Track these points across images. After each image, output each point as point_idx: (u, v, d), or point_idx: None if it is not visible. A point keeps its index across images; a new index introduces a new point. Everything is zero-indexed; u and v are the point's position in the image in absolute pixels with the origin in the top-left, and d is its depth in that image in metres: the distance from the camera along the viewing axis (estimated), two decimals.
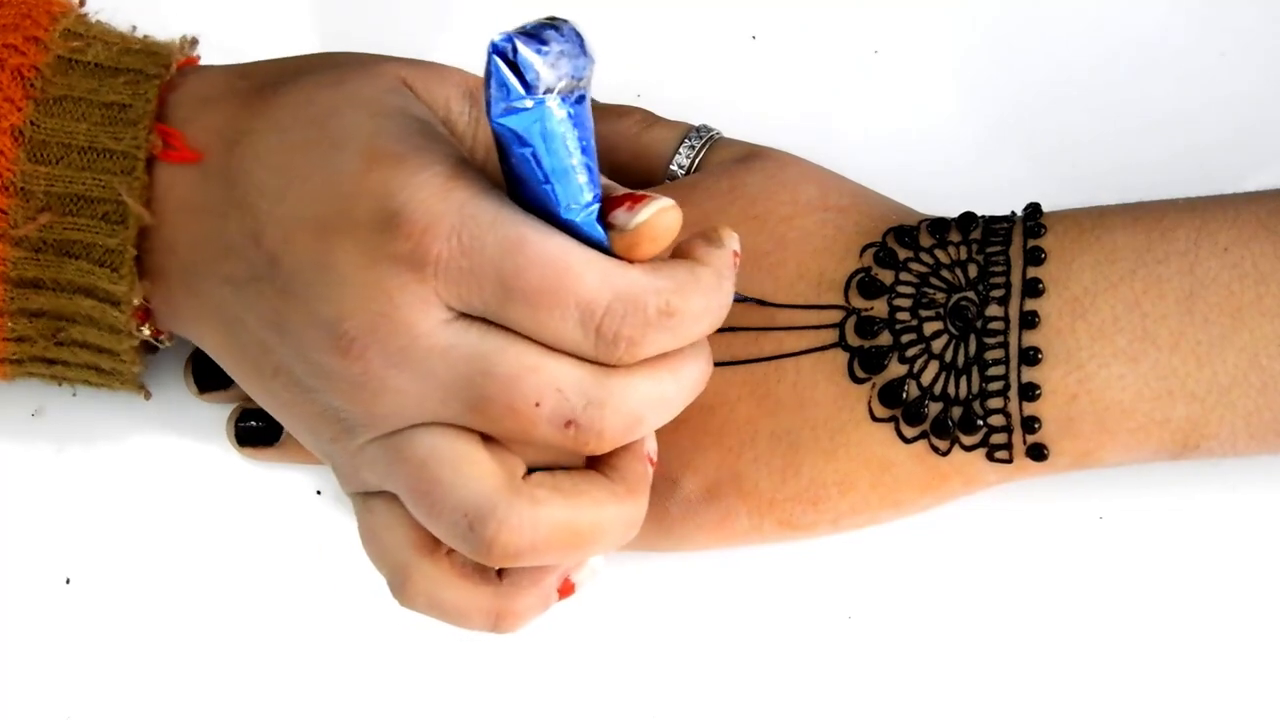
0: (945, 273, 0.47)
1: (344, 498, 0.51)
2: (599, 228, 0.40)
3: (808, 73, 0.56)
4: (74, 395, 0.51)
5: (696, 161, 0.51)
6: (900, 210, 0.49)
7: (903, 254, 0.47)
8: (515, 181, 0.40)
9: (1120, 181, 0.50)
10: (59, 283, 0.45)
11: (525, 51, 0.37)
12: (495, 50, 0.37)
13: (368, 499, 0.44)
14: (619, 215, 0.40)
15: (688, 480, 0.47)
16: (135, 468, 0.51)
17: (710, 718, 0.49)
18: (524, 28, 0.37)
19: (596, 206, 0.40)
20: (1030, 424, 0.45)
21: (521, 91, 0.37)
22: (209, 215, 0.43)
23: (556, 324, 0.40)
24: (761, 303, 0.47)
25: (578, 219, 0.40)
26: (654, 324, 0.40)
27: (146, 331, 0.46)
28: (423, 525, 0.43)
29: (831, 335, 0.47)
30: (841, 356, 0.47)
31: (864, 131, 0.55)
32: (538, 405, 0.40)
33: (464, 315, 0.40)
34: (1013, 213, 0.48)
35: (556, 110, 0.38)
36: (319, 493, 0.51)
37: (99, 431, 0.52)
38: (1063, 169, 0.54)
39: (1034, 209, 0.47)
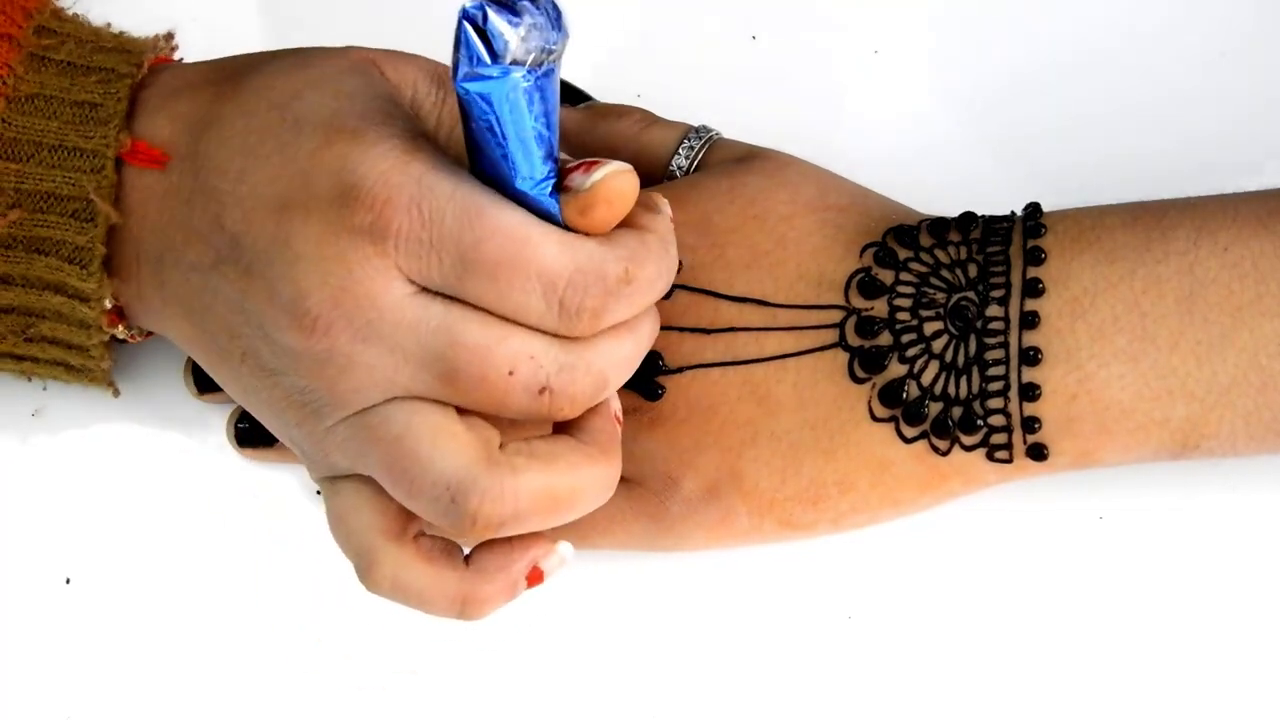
0: (945, 273, 0.47)
1: None
2: (554, 202, 0.40)
3: (808, 73, 0.56)
4: (44, 389, 0.51)
5: (696, 161, 0.51)
6: (900, 210, 0.49)
7: (903, 254, 0.47)
8: (474, 150, 0.40)
9: (1120, 181, 0.50)
10: (28, 279, 0.45)
11: (496, 20, 0.37)
12: (466, 15, 0.37)
13: (335, 483, 0.44)
14: (575, 178, 0.40)
15: (688, 480, 0.47)
16: (135, 468, 0.51)
17: (710, 718, 0.49)
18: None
19: (551, 182, 0.40)
20: (1030, 424, 0.45)
21: (488, 59, 0.38)
22: (176, 203, 0.43)
23: (518, 297, 0.40)
24: (762, 303, 0.47)
25: (531, 190, 0.40)
26: (614, 293, 0.41)
27: (120, 331, 0.46)
28: (393, 508, 0.43)
29: (831, 335, 0.47)
30: (842, 356, 0.47)
31: (864, 132, 0.55)
32: (511, 374, 0.40)
33: (427, 290, 0.40)
34: (1012, 213, 0.48)
35: (521, 81, 0.38)
36: (319, 493, 0.51)
37: (99, 432, 0.52)
38: (1062, 169, 0.54)
39: (1034, 209, 0.47)
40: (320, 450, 0.43)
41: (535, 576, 0.44)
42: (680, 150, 0.51)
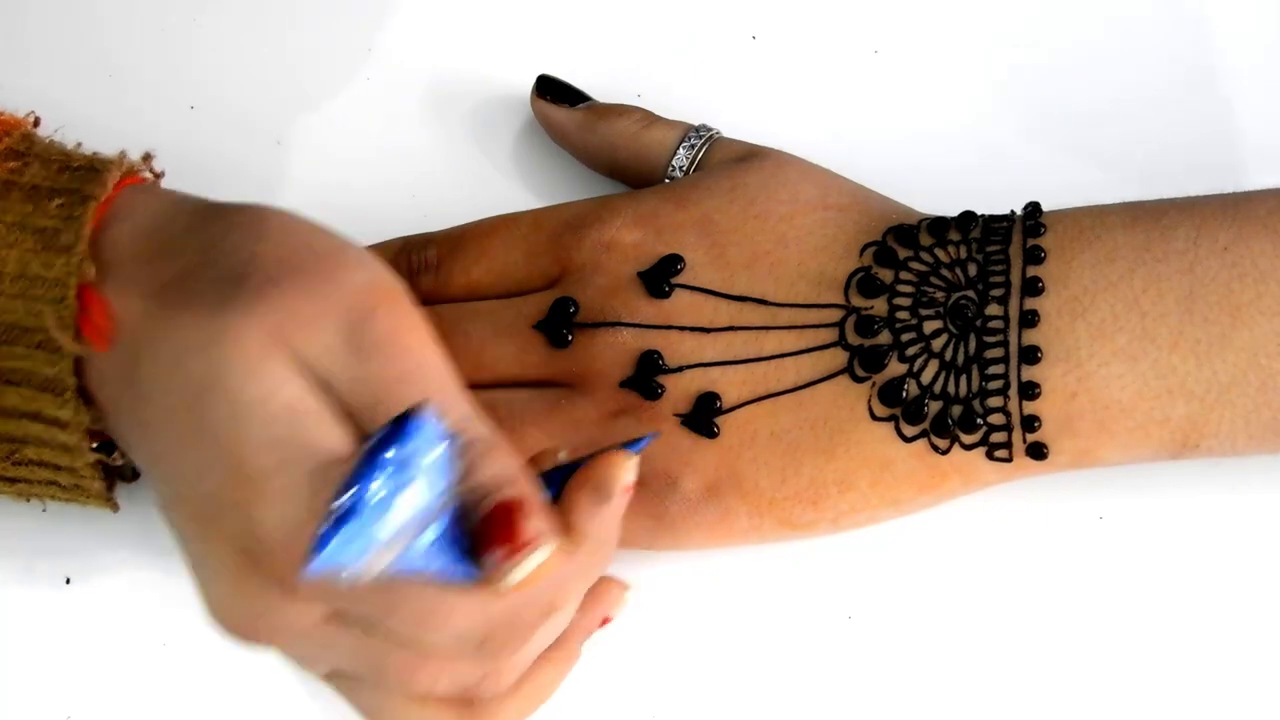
0: (945, 272, 0.47)
1: None
2: (463, 570, 0.39)
3: (808, 73, 0.56)
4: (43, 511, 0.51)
5: (696, 161, 0.51)
6: (900, 209, 0.49)
7: (902, 253, 0.47)
8: None
9: (1120, 181, 0.50)
10: (4, 409, 0.44)
11: (334, 553, 0.37)
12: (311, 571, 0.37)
13: (349, 680, 0.44)
14: (494, 561, 0.38)
15: (687, 479, 0.47)
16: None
17: (710, 718, 0.48)
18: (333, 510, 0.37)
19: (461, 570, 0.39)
20: (1030, 423, 0.45)
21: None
22: (121, 385, 0.42)
23: (435, 642, 0.40)
24: (762, 302, 0.47)
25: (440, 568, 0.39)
26: (535, 626, 0.41)
27: (115, 459, 0.46)
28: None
29: (831, 334, 0.47)
30: (841, 355, 0.47)
31: (864, 131, 0.55)
32: (435, 685, 0.41)
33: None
34: (1012, 211, 0.48)
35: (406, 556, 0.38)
36: None
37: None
38: (1062, 168, 0.54)
39: (1033, 208, 0.47)
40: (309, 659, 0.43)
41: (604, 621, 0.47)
42: (680, 150, 0.51)
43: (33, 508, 0.51)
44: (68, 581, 0.50)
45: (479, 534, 0.38)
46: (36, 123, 0.46)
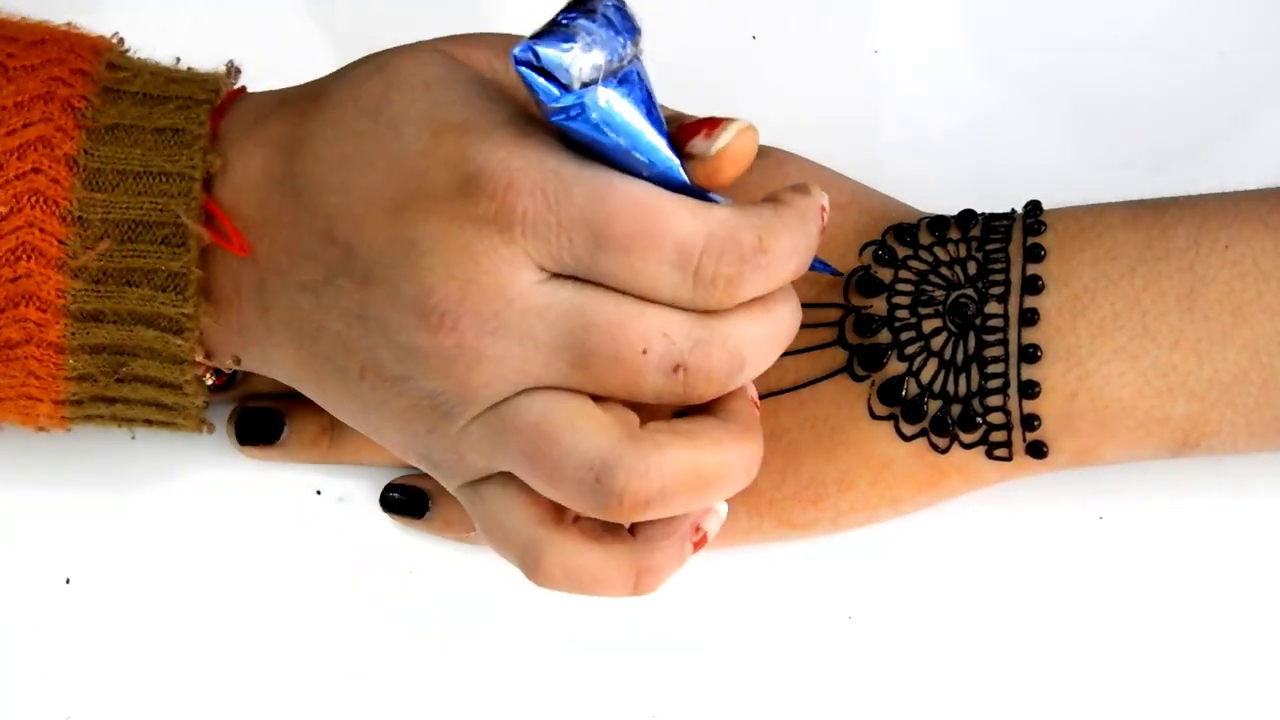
0: (944, 270, 0.47)
1: (345, 497, 0.51)
2: (679, 171, 0.40)
3: (808, 73, 0.56)
4: (133, 439, 0.51)
5: None
6: (900, 208, 0.49)
7: (902, 252, 0.47)
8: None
9: (1120, 179, 0.50)
10: (120, 314, 0.44)
11: (549, 53, 0.37)
12: (518, 62, 0.37)
13: (478, 488, 0.43)
14: (697, 144, 0.40)
15: None
16: (135, 467, 0.51)
17: (710, 718, 0.48)
18: (548, 25, 0.37)
19: (673, 159, 0.40)
20: (1030, 421, 0.45)
21: (557, 93, 0.38)
22: (278, 227, 0.42)
23: (653, 269, 0.39)
24: None
25: (656, 173, 0.40)
26: (749, 261, 0.40)
27: (209, 377, 0.46)
28: (545, 498, 0.42)
29: (831, 333, 0.47)
30: (841, 354, 0.47)
31: (863, 131, 0.55)
32: (645, 352, 0.40)
33: (556, 275, 0.40)
34: (1012, 210, 0.48)
35: (602, 95, 0.38)
36: (319, 493, 0.51)
37: (99, 432, 0.52)
38: (1062, 167, 0.54)
39: (1034, 206, 0.47)
40: (455, 454, 0.42)
41: (700, 539, 0.44)
42: None
43: (33, 507, 0.51)
44: (68, 581, 0.50)
45: (683, 136, 0.40)
46: (121, 42, 0.46)
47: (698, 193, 0.40)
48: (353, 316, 0.41)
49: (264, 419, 0.51)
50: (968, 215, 0.48)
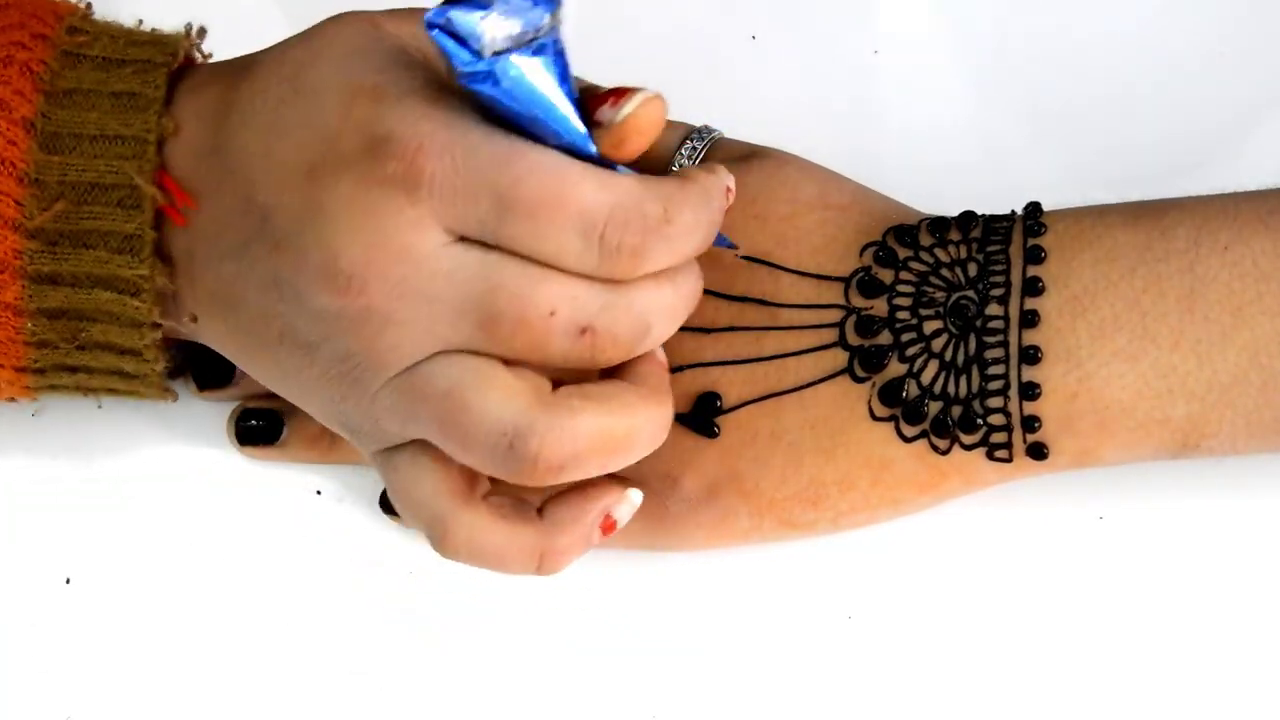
0: (945, 271, 0.47)
1: (345, 497, 0.51)
2: (589, 144, 0.40)
3: (808, 73, 0.56)
4: (99, 407, 0.51)
5: (698, 162, 0.51)
6: (900, 209, 0.49)
7: (903, 253, 0.47)
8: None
9: (1120, 180, 0.50)
10: (76, 276, 0.44)
11: (462, 18, 0.37)
12: (430, 25, 0.38)
13: (391, 456, 0.44)
14: (604, 112, 0.40)
15: (688, 479, 0.47)
16: (135, 467, 0.51)
17: (710, 718, 0.48)
18: None
19: (583, 131, 0.40)
20: (1030, 423, 0.45)
21: (468, 57, 0.38)
22: (205, 196, 0.43)
23: (558, 236, 0.40)
24: (762, 302, 0.47)
25: (565, 143, 0.40)
26: (654, 230, 0.40)
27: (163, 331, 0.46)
28: (456, 469, 0.42)
29: (831, 334, 0.47)
30: (841, 356, 0.47)
31: (864, 131, 0.55)
32: (552, 314, 0.40)
33: (463, 239, 0.40)
34: (1013, 211, 0.48)
35: (514, 63, 0.38)
36: (319, 493, 0.51)
37: (99, 432, 0.52)
38: (1062, 168, 0.54)
39: (1034, 208, 0.47)
40: (369, 420, 0.43)
41: (609, 525, 0.44)
42: (682, 150, 0.51)
43: (33, 507, 0.51)
44: (68, 581, 0.50)
45: (592, 106, 0.40)
46: (89, 7, 0.47)
47: (607, 165, 0.41)
48: (268, 283, 0.42)
49: (264, 419, 0.51)
50: (968, 216, 0.48)
